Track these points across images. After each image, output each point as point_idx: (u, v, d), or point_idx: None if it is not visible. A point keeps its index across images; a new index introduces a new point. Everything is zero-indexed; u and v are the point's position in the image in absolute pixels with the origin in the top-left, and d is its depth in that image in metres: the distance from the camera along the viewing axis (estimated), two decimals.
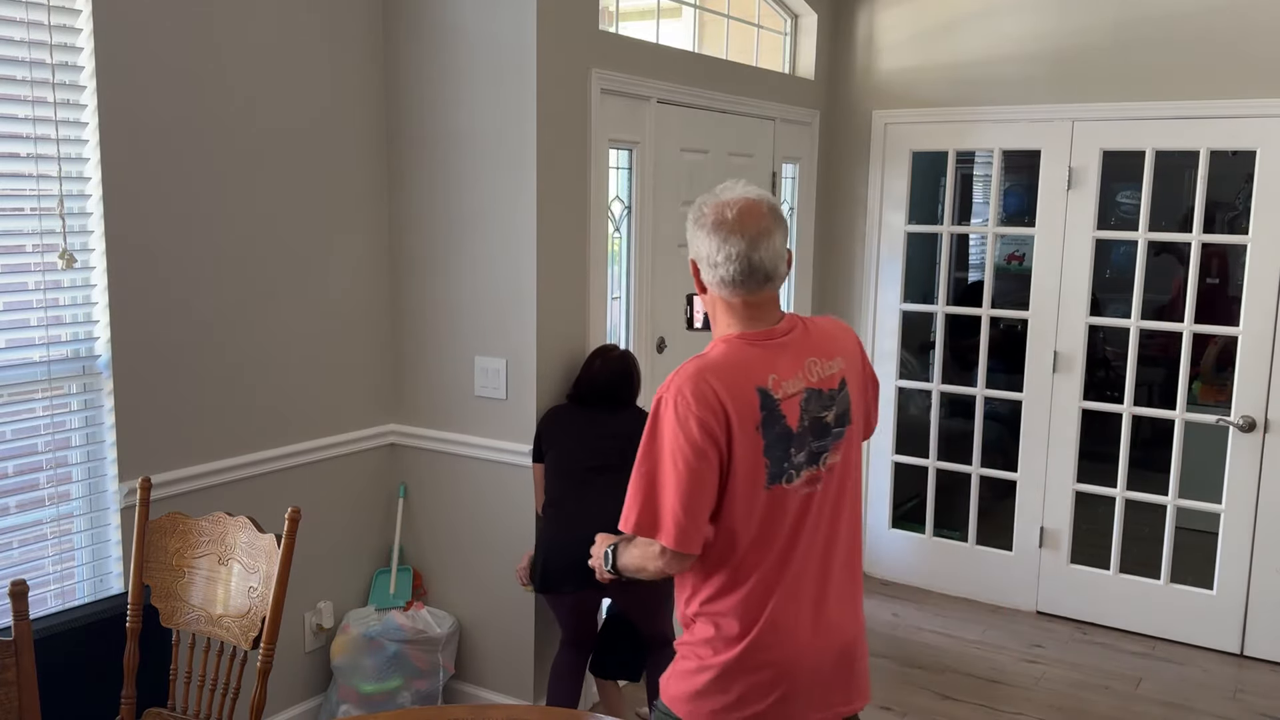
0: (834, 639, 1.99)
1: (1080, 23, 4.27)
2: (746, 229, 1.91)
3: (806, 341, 1.97)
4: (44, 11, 2.56)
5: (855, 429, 2.02)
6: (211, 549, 2.42)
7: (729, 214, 1.92)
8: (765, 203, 1.96)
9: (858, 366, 2.04)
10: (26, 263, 2.60)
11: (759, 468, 1.87)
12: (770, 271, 1.93)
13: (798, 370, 1.93)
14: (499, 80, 3.27)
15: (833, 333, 2.03)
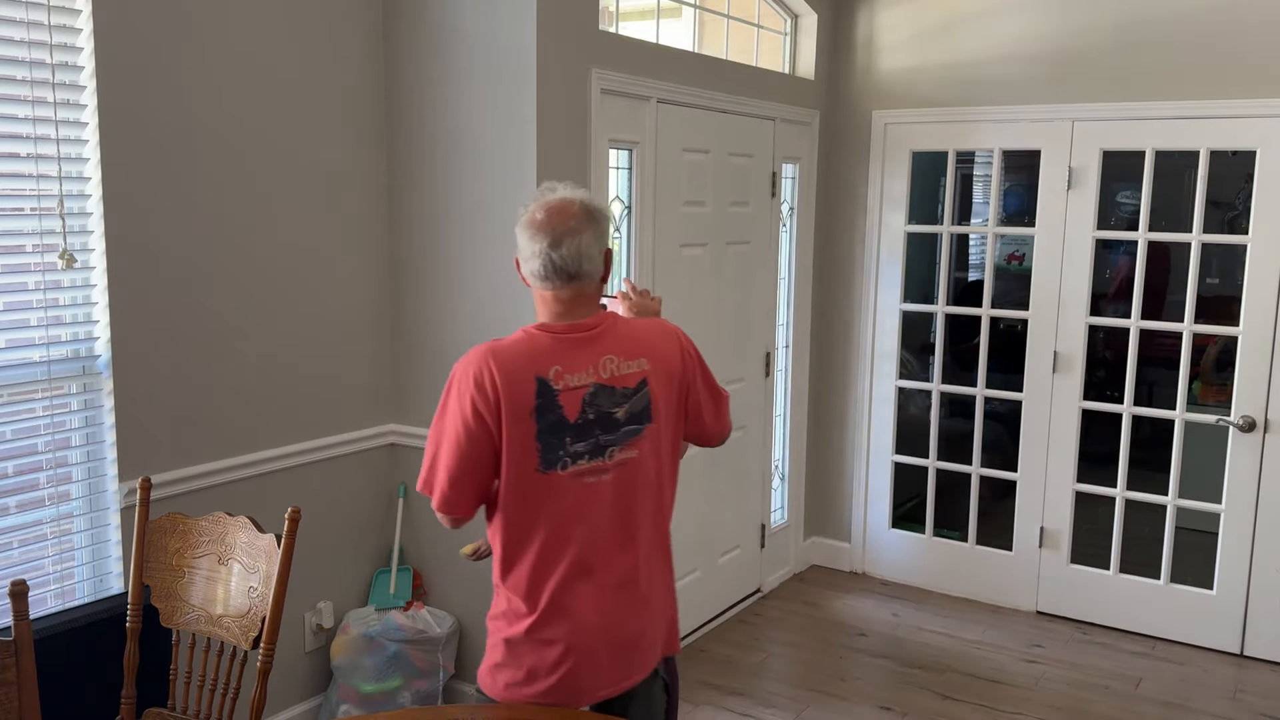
0: (625, 625, 2.08)
1: (1080, 23, 4.27)
2: (554, 228, 2.01)
3: (608, 340, 2.04)
4: (44, 11, 2.56)
5: (660, 429, 2.07)
6: (211, 549, 2.42)
7: (539, 214, 2.04)
8: (579, 204, 2.04)
9: (671, 370, 2.09)
10: (26, 263, 2.60)
11: (530, 452, 1.97)
12: (574, 270, 2.02)
13: (589, 365, 2.01)
14: (499, 80, 3.28)
15: (645, 336, 2.08)
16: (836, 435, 5.04)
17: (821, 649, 4.24)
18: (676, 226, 3.91)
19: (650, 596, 2.11)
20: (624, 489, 2.05)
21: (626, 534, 2.06)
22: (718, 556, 4.39)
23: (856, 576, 5.03)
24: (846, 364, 4.97)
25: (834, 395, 5.02)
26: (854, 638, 4.35)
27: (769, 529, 4.79)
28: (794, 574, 5.04)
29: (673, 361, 2.09)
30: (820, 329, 5.01)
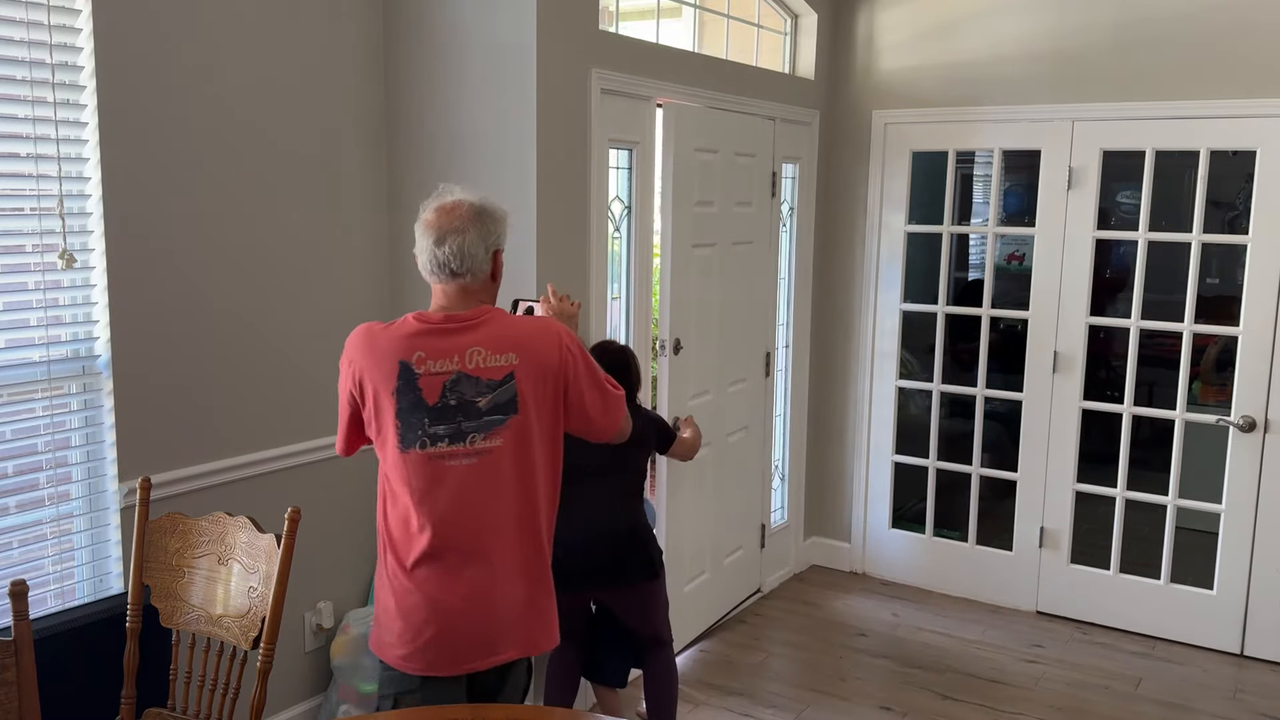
0: (486, 603, 2.18)
1: (1080, 23, 4.27)
2: (440, 227, 2.16)
3: (479, 333, 2.15)
4: (44, 11, 2.56)
5: (528, 422, 2.17)
6: (211, 549, 2.41)
7: (430, 214, 2.20)
8: (468, 205, 2.19)
9: (545, 366, 2.18)
10: (26, 263, 2.60)
11: (390, 428, 2.15)
12: (455, 267, 2.16)
13: (454, 354, 2.13)
14: (499, 80, 3.27)
15: (519, 334, 2.18)
16: (836, 435, 5.04)
17: (821, 649, 4.24)
18: (689, 226, 3.91)
19: (504, 583, 2.20)
20: (484, 475, 2.16)
21: (484, 519, 2.17)
22: (723, 558, 4.39)
23: (856, 576, 5.03)
24: (846, 364, 4.97)
25: (834, 395, 5.02)
26: (854, 638, 4.35)
27: (769, 529, 4.79)
28: (794, 574, 5.04)
29: (547, 358, 2.18)
30: (820, 329, 5.01)
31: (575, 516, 3.08)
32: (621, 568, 3.09)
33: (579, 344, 2.24)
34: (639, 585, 3.13)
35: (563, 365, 2.19)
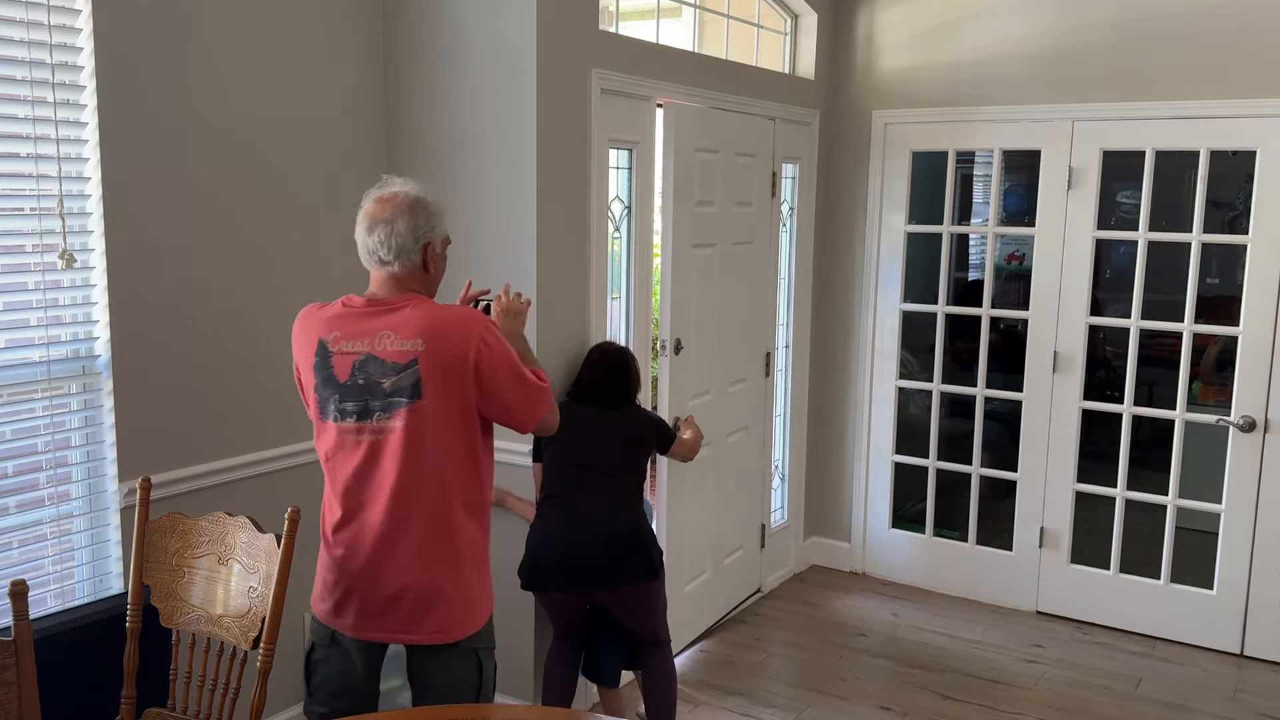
0: (381, 579, 2.29)
1: (1080, 22, 4.27)
2: (372, 216, 2.28)
3: (393, 319, 2.24)
4: (44, 11, 2.56)
5: (432, 407, 2.23)
6: (211, 549, 2.41)
7: (368, 203, 2.31)
8: (403, 196, 2.29)
9: (453, 355, 2.22)
10: (26, 263, 2.60)
11: (313, 401, 2.32)
12: (383, 255, 2.27)
13: (365, 337, 2.24)
14: (499, 80, 3.27)
15: (431, 322, 2.23)
16: (836, 435, 5.04)
17: (821, 649, 4.24)
18: (689, 226, 3.90)
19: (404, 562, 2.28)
20: (385, 453, 2.25)
21: (381, 496, 2.27)
22: (723, 558, 4.39)
23: (856, 576, 5.03)
24: (846, 364, 4.97)
25: (834, 395, 5.02)
26: (854, 638, 4.35)
27: (769, 529, 4.79)
28: (794, 574, 5.04)
29: (454, 347, 2.22)
30: (820, 329, 5.01)
31: (575, 516, 3.09)
32: (621, 568, 3.08)
33: (497, 336, 2.29)
34: (639, 586, 3.12)
35: (477, 356, 2.24)
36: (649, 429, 3.35)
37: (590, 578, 3.09)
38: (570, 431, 3.19)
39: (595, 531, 3.08)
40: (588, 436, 3.20)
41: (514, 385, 2.30)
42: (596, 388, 3.30)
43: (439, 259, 2.36)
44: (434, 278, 2.36)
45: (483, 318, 2.29)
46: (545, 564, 3.09)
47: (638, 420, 3.34)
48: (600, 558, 3.07)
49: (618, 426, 3.25)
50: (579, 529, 3.08)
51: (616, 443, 3.22)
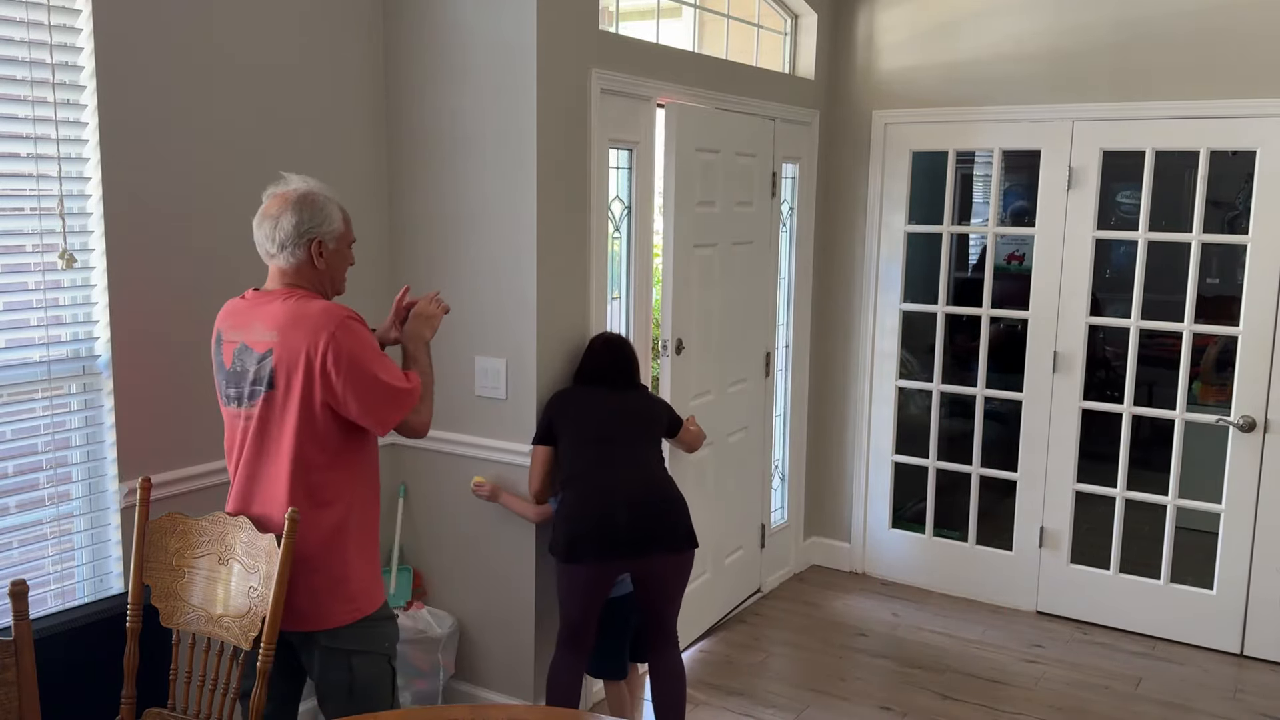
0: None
1: (1080, 22, 4.27)
2: (261, 212, 2.39)
3: (265, 311, 2.36)
4: (44, 11, 2.56)
5: (284, 400, 2.33)
6: (211, 549, 2.41)
7: (265, 199, 2.42)
8: (292, 192, 2.39)
9: (299, 353, 2.30)
10: (26, 263, 2.60)
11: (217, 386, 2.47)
12: (267, 249, 2.39)
13: (244, 327, 2.39)
14: (499, 80, 3.27)
15: (290, 318, 2.32)
16: (836, 435, 5.04)
17: (821, 649, 4.24)
18: (690, 226, 3.90)
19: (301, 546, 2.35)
20: (257, 439, 2.39)
21: (253, 479, 2.41)
22: (724, 558, 4.39)
23: (856, 576, 5.03)
24: (846, 364, 4.97)
25: (834, 395, 5.02)
26: (854, 638, 4.35)
27: (769, 529, 4.79)
28: (794, 574, 5.04)
29: (297, 345, 2.30)
30: (820, 329, 5.01)
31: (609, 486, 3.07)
32: (662, 532, 3.05)
33: (356, 337, 2.32)
34: (682, 554, 3.10)
35: (322, 356, 2.29)
36: (660, 408, 3.38)
37: (629, 543, 3.02)
38: (584, 411, 3.22)
39: (633, 496, 3.06)
40: (603, 412, 3.22)
41: (364, 387, 2.32)
42: (602, 371, 3.31)
43: (333, 255, 2.42)
44: (327, 273, 2.42)
45: (345, 317, 2.32)
46: (582, 533, 3.02)
47: (648, 399, 3.37)
48: (641, 520, 3.03)
49: (634, 403, 3.28)
50: (616, 495, 3.05)
51: (632, 417, 3.24)
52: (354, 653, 2.40)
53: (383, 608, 2.49)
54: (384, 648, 2.47)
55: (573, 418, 3.21)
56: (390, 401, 2.37)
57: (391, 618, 2.53)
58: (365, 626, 2.42)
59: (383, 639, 2.47)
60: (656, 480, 3.15)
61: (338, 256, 2.44)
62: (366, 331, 2.38)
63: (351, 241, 2.50)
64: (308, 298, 2.37)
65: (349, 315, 2.34)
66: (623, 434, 3.18)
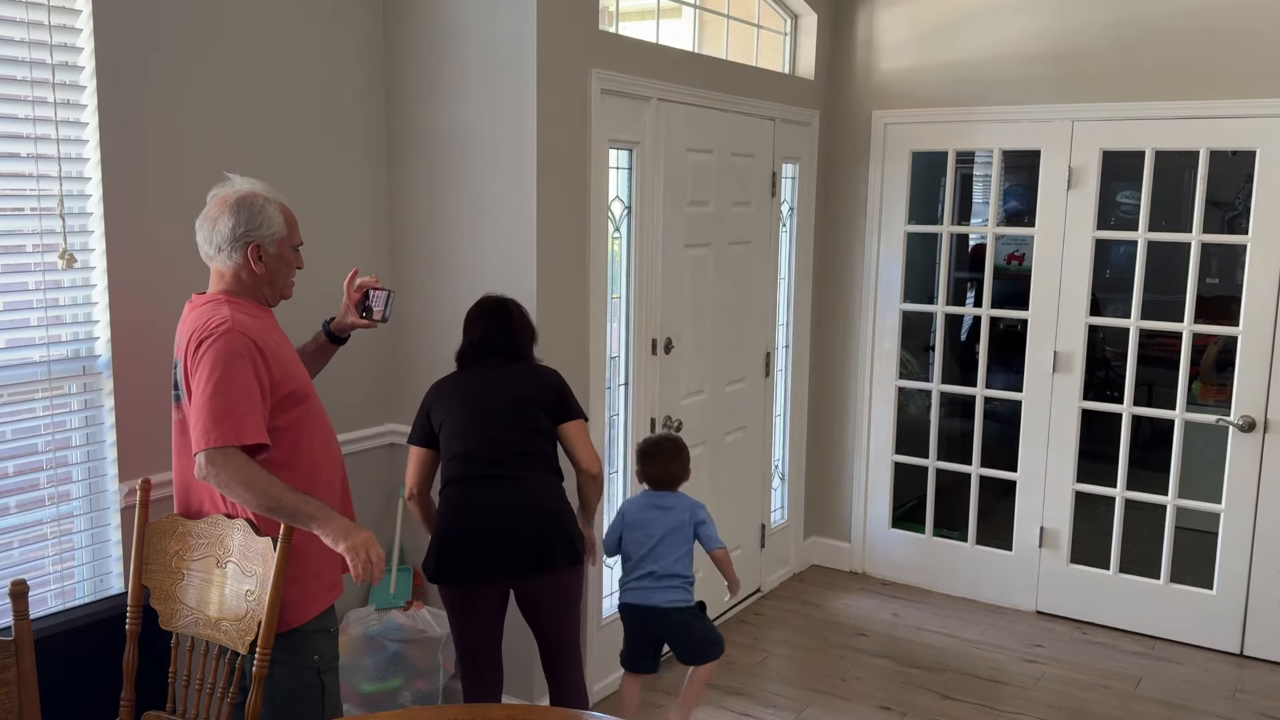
0: None
1: (1080, 22, 4.26)
2: (202, 214, 2.38)
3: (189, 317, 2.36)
4: (44, 11, 2.56)
5: (186, 404, 2.33)
6: (209, 551, 2.41)
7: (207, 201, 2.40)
8: (232, 195, 2.37)
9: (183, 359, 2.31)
10: (26, 263, 2.60)
11: None
12: (207, 250, 2.38)
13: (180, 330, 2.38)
14: (499, 80, 3.27)
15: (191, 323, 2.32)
16: (836, 435, 5.04)
17: (821, 649, 4.24)
18: (681, 226, 3.91)
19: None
20: (178, 438, 2.40)
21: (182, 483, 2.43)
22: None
23: (856, 576, 5.03)
24: (846, 364, 4.97)
25: (834, 395, 5.02)
26: (854, 637, 4.35)
27: (769, 529, 4.79)
28: (794, 574, 5.04)
29: (181, 351, 2.32)
30: (820, 329, 5.01)
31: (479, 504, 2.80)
32: (541, 551, 2.79)
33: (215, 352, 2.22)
34: (560, 572, 2.84)
35: (185, 362, 2.30)
36: (544, 391, 2.88)
37: (498, 565, 2.79)
38: (456, 405, 2.87)
39: (501, 512, 2.78)
40: (476, 404, 2.84)
41: (198, 402, 2.22)
42: (474, 350, 2.93)
43: (273, 259, 2.38)
44: (266, 277, 2.39)
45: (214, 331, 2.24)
46: (446, 552, 2.79)
47: (534, 377, 2.91)
48: (510, 539, 2.77)
49: (506, 386, 2.86)
50: (482, 510, 2.78)
51: (509, 408, 2.83)
52: (279, 663, 2.34)
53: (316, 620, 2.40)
54: (311, 661, 2.39)
55: (449, 411, 2.86)
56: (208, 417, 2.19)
57: (325, 631, 2.43)
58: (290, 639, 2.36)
59: (310, 653, 2.39)
60: (531, 492, 2.81)
61: (278, 260, 2.40)
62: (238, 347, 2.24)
63: (296, 245, 2.44)
64: (223, 303, 2.33)
65: (229, 329, 2.24)
66: (496, 432, 2.80)
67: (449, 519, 2.82)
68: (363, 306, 2.75)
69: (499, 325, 2.94)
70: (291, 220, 2.43)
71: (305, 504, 2.23)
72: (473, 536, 2.78)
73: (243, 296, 2.38)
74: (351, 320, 2.74)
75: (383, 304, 2.74)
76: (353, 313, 2.73)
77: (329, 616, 2.46)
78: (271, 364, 2.30)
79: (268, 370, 2.29)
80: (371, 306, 2.74)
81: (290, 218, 2.43)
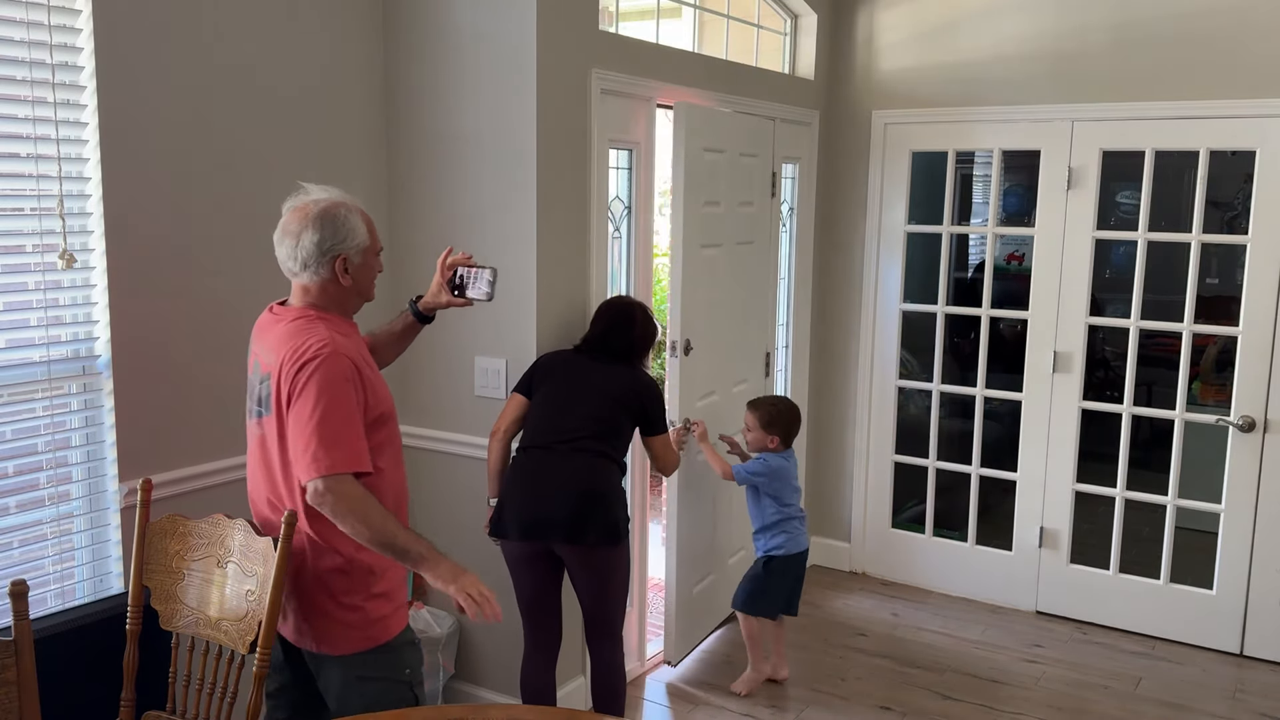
0: None
1: (1080, 23, 4.27)
2: (282, 227, 2.31)
3: (276, 330, 2.30)
4: (44, 11, 2.56)
5: (272, 423, 2.27)
6: (210, 551, 2.41)
7: (284, 214, 2.34)
8: (313, 207, 2.29)
9: (275, 378, 2.24)
10: (26, 263, 2.60)
11: None
12: (291, 266, 2.31)
13: (264, 341, 2.33)
14: (499, 80, 3.27)
15: (285, 342, 2.25)
16: (836, 435, 5.04)
17: (821, 649, 4.24)
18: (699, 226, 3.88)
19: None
20: (256, 457, 2.36)
21: (257, 499, 2.39)
22: (726, 559, 4.39)
23: (856, 576, 5.03)
24: (846, 364, 4.97)
25: (834, 395, 5.02)
26: (854, 638, 4.35)
27: None
28: None
29: (277, 372, 2.23)
30: (820, 329, 5.01)
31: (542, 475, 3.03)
32: (581, 525, 2.98)
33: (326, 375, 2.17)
34: (598, 549, 3.03)
35: (278, 385, 2.23)
36: (637, 398, 3.16)
37: (542, 528, 3.01)
38: (558, 380, 3.14)
39: (556, 483, 3.01)
40: (574, 386, 3.11)
41: (293, 425, 2.19)
42: (592, 340, 3.22)
43: (359, 269, 2.32)
44: (353, 289, 2.33)
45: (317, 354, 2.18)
46: (507, 510, 3.03)
47: (633, 383, 3.18)
48: (555, 511, 2.98)
49: (603, 383, 3.13)
50: (543, 478, 3.02)
51: (600, 401, 3.09)
52: (369, 680, 2.33)
53: (405, 632, 2.41)
54: (404, 675, 2.39)
55: (547, 384, 3.14)
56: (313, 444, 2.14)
57: (412, 643, 2.43)
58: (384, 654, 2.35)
59: (402, 666, 2.38)
60: (586, 471, 3.02)
61: (364, 270, 2.34)
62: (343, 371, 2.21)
63: (379, 250, 2.39)
64: (316, 320, 2.27)
65: (332, 353, 2.20)
66: (579, 415, 3.05)
67: (510, 481, 3.08)
68: (454, 284, 2.66)
69: (621, 329, 3.22)
70: (371, 225, 2.36)
71: (416, 544, 2.21)
72: (523, 500, 3.02)
73: (330, 310, 2.32)
74: (446, 299, 2.66)
75: (486, 283, 2.64)
76: (445, 291, 2.66)
77: (410, 629, 2.45)
78: (367, 386, 2.26)
79: (363, 393, 2.25)
80: (465, 285, 2.65)
81: (370, 223, 2.36)
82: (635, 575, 3.92)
